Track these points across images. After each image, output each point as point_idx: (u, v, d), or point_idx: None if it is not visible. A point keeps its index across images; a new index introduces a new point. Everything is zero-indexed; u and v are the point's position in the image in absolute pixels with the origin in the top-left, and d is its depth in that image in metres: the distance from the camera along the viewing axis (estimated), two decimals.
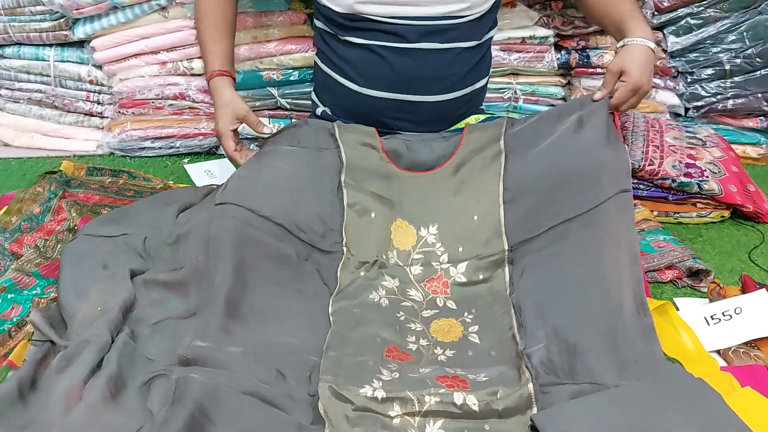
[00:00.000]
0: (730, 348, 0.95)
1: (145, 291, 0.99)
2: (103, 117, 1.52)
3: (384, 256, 1.03)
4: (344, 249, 1.02)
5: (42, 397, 0.81)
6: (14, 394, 0.80)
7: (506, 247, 1.01)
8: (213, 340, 0.86)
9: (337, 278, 1.00)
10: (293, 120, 1.50)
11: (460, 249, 1.03)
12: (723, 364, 0.93)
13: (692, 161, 1.32)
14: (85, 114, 1.52)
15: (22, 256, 1.08)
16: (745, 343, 0.95)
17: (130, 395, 0.81)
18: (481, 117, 1.21)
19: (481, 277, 1.01)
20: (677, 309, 1.02)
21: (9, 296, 0.98)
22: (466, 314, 0.98)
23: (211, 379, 0.79)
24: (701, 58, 1.49)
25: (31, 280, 1.02)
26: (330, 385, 0.80)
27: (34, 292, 1.00)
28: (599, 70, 1.48)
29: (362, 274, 1.01)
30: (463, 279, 1.02)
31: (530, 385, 0.82)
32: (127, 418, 0.77)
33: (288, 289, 0.96)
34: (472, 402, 0.78)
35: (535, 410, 0.79)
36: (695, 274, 1.12)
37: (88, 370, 0.82)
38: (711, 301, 1.05)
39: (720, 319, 0.98)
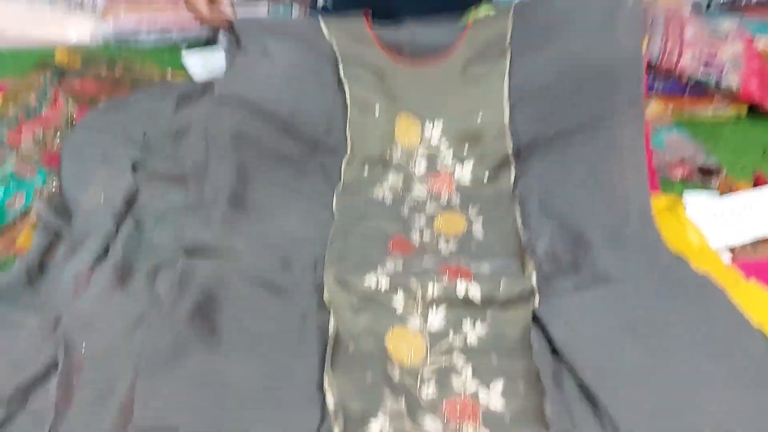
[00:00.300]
0: (737, 245, 0.94)
1: (147, 183, 0.97)
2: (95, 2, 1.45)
3: (388, 153, 1.01)
4: (348, 145, 1.00)
5: (50, 282, 0.83)
6: (23, 279, 0.81)
7: (511, 148, 0.99)
8: (217, 231, 0.86)
9: (341, 175, 0.99)
10: (293, 5, 1.43)
11: (466, 148, 1.01)
12: (729, 261, 0.92)
13: (712, 56, 1.26)
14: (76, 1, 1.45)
15: (20, 147, 1.06)
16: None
17: (137, 282, 0.82)
18: (491, 11, 1.14)
19: (486, 175, 1.00)
20: (686, 204, 1.00)
21: (11, 186, 0.97)
22: (470, 208, 0.97)
23: (216, 268, 0.79)
24: None
25: (33, 170, 1.01)
26: (335, 274, 0.80)
27: (36, 182, 0.99)
28: None
29: (366, 170, 1.00)
30: (468, 177, 1.00)
31: (533, 277, 0.82)
32: (133, 304, 0.78)
33: (289, 189, 0.95)
34: (475, 291, 0.79)
35: (537, 301, 0.79)
36: (707, 172, 1.09)
37: (94, 258, 0.82)
38: (721, 195, 1.03)
39: (730, 215, 0.96)
